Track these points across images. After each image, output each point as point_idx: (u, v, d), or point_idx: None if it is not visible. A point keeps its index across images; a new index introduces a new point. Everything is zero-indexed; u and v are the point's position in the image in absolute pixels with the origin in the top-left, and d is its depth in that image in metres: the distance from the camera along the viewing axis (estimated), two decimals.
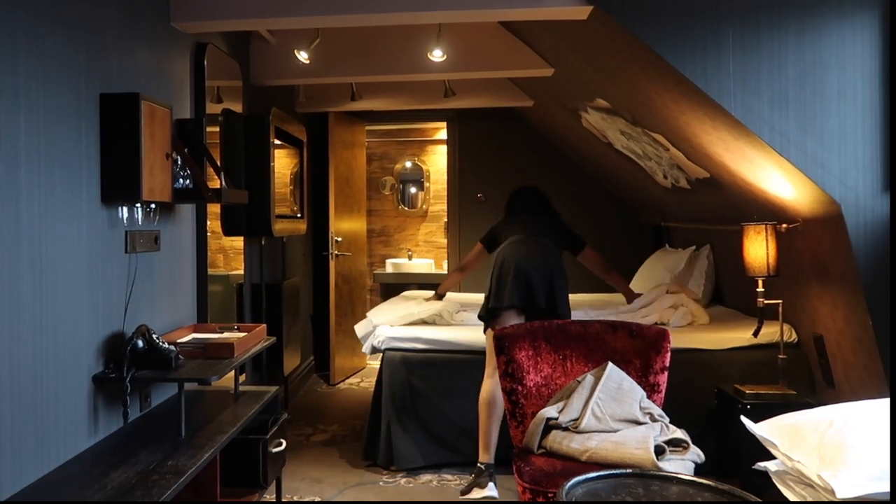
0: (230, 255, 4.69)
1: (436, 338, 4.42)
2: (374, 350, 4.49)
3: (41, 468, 2.47)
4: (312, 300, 7.06)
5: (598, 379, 3.17)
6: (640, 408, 3.09)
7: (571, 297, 5.86)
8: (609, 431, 3.01)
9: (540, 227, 4.29)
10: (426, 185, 8.56)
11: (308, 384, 6.57)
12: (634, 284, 5.99)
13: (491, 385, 3.97)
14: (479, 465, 3.98)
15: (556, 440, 3.04)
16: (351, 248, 6.93)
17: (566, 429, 3.07)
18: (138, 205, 3.10)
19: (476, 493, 3.89)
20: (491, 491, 3.89)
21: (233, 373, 3.42)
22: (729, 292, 5.24)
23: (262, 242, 5.08)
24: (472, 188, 7.27)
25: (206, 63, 3.91)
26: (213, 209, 4.20)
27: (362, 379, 6.83)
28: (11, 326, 2.32)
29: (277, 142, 4.92)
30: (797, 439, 2.44)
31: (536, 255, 4.06)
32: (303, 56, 4.86)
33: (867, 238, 3.11)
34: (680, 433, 3.02)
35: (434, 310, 4.67)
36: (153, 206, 3.22)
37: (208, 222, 4.00)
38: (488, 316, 4.04)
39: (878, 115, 3.05)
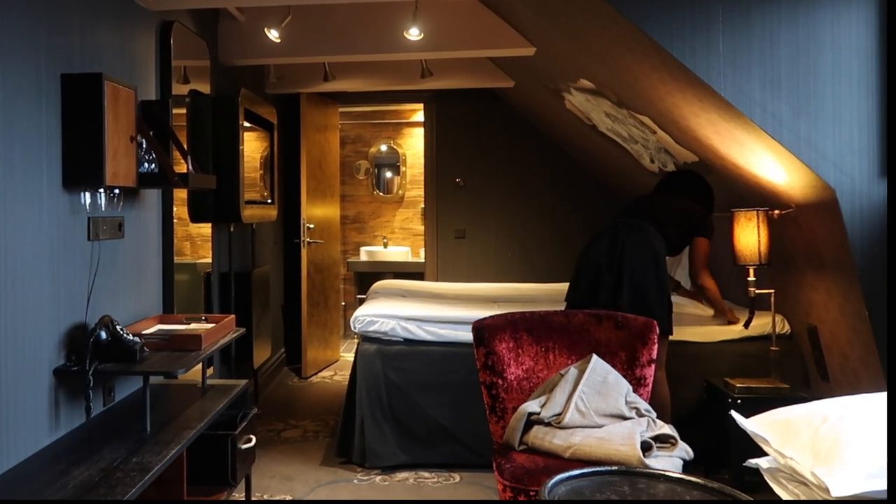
0: (197, 242, 4.61)
1: (416, 330, 4.32)
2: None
3: None
4: (283, 290, 6.97)
5: (581, 372, 3.13)
6: (626, 402, 3.06)
7: (557, 286, 5.79)
8: (593, 427, 2.96)
9: (655, 210, 3.98)
10: (402, 169, 8.51)
11: (279, 378, 6.49)
12: None
13: None
14: None
15: (538, 436, 3.00)
16: (324, 235, 6.85)
17: (549, 424, 3.03)
18: (101, 190, 3.04)
19: None
20: None
21: (200, 366, 3.37)
22: (719, 282, 5.21)
23: (231, 229, 5.00)
24: (451, 172, 7.17)
25: (172, 42, 3.83)
26: (180, 195, 4.12)
27: (336, 372, 6.75)
28: None
29: (247, 124, 4.84)
30: (790, 435, 2.38)
31: (617, 244, 3.78)
32: (273, 35, 4.75)
33: (863, 225, 3.07)
34: (668, 429, 2.99)
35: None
36: (117, 191, 3.17)
37: (174, 208, 3.93)
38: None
39: (874, 96, 2.99)
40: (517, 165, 7.05)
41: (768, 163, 3.41)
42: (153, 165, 3.24)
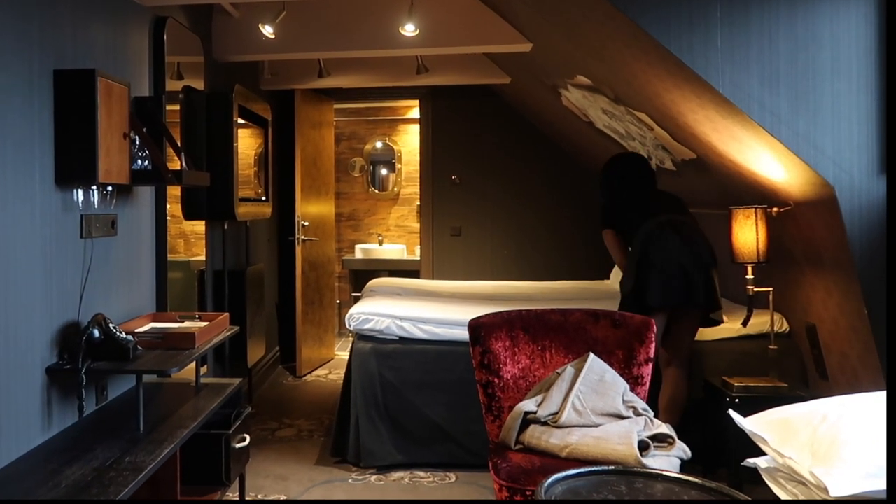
0: (191, 240, 4.58)
1: (411, 328, 4.30)
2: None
3: None
4: (278, 288, 6.94)
5: (578, 371, 3.11)
6: (623, 401, 3.04)
7: (554, 284, 5.79)
8: (590, 426, 2.94)
9: (666, 202, 4.01)
10: (398, 166, 8.47)
11: (273, 376, 6.46)
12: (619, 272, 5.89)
13: None
14: None
15: (535, 435, 2.98)
16: (318, 232, 6.82)
17: (545, 423, 3.01)
18: (94, 187, 3.05)
19: None
20: None
21: (194, 364, 3.36)
22: (718, 280, 5.20)
23: (225, 227, 4.98)
24: (447, 170, 7.13)
25: (165, 38, 3.83)
26: (174, 192, 4.11)
27: (330, 371, 6.73)
28: None
29: (241, 121, 4.83)
30: (788, 434, 2.36)
31: (686, 242, 3.79)
32: (268, 30, 4.74)
33: (862, 222, 3.03)
34: (665, 428, 2.97)
35: None
36: (110, 188, 3.17)
37: (168, 206, 3.93)
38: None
39: (873, 92, 2.95)
40: (514, 162, 7.02)
41: (767, 160, 3.38)
42: (146, 162, 3.23)
